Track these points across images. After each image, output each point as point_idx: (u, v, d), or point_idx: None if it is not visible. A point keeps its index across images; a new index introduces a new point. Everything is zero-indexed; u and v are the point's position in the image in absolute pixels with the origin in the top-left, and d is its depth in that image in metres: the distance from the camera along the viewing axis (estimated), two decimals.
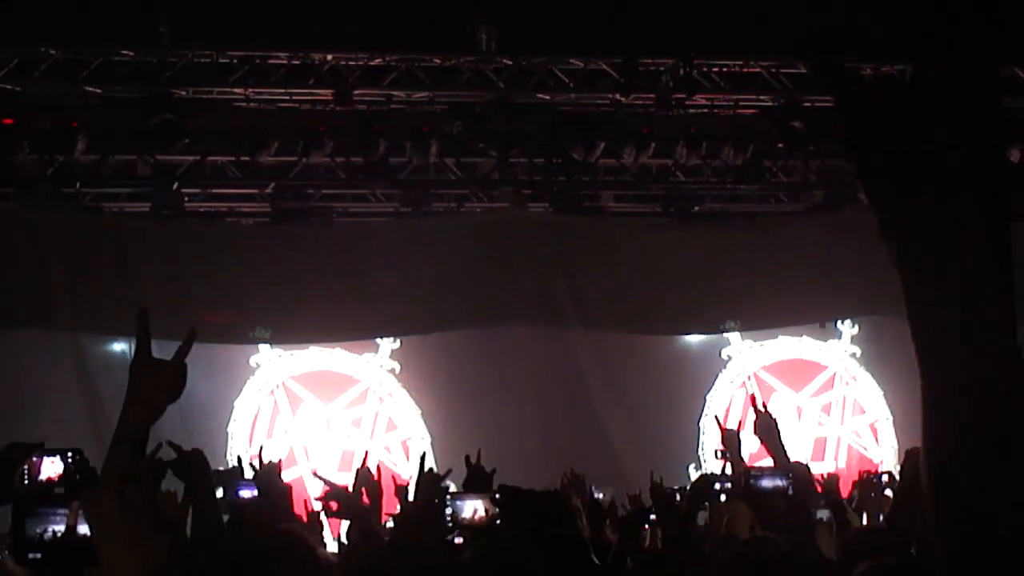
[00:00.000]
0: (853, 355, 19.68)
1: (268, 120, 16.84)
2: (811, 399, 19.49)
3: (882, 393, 19.43)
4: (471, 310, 17.82)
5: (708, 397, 19.12)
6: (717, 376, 19.35)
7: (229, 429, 17.54)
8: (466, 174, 18.26)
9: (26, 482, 4.87)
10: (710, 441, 18.00)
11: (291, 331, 17.44)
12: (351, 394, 18.20)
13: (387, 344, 18.30)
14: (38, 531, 3.63)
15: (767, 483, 7.58)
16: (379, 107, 17.06)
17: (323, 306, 17.21)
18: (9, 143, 16.07)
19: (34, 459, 4.94)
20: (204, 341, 16.84)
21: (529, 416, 18.07)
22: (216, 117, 16.83)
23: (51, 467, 4.93)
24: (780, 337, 19.58)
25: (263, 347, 17.88)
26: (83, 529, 3.09)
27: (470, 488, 8.26)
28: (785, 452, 8.05)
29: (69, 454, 5.05)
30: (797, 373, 19.63)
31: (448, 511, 7.46)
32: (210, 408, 17.05)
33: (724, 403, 19.15)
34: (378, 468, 8.83)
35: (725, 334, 19.31)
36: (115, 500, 2.66)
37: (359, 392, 18.26)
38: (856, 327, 19.49)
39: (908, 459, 7.70)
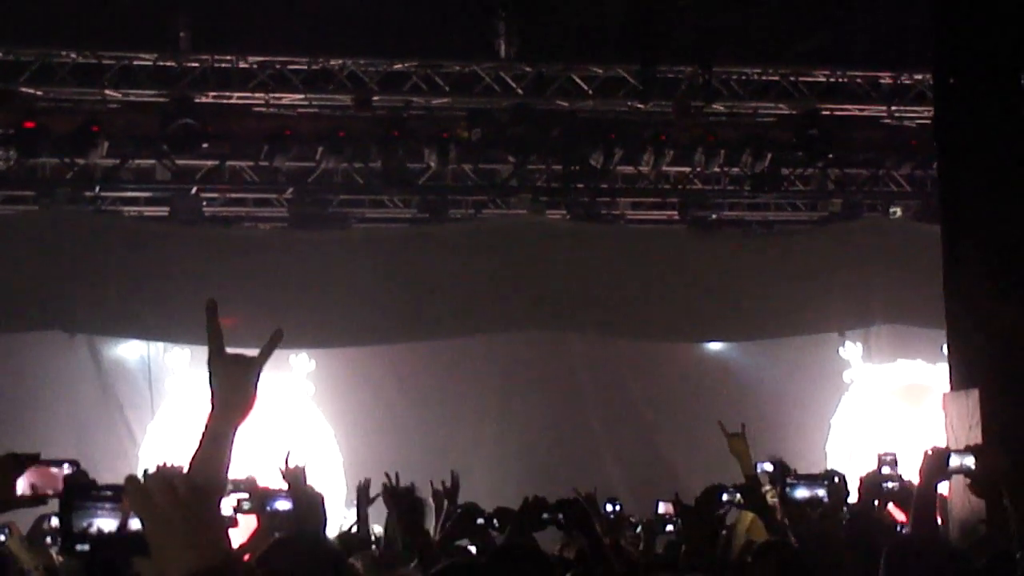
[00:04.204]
0: None
1: (287, 125, 16.87)
2: (929, 421, 19.22)
3: None
4: (485, 316, 17.77)
5: (832, 421, 19.04)
6: (840, 399, 19.23)
7: (140, 453, 16.85)
8: (484, 180, 18.27)
9: (21, 493, 4.88)
10: (836, 461, 17.89)
11: (308, 337, 17.30)
12: (263, 412, 17.60)
13: (302, 365, 17.94)
14: (85, 525, 3.68)
15: (803, 492, 7.62)
16: (398, 113, 17.10)
17: (339, 310, 17.17)
18: (30, 146, 16.12)
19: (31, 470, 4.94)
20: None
21: (477, 431, 17.87)
22: (235, 122, 16.88)
23: (49, 477, 4.94)
24: (898, 360, 19.37)
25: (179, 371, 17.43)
26: (135, 524, 3.14)
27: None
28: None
29: (66, 464, 5.06)
30: (915, 396, 19.30)
31: None
32: (92, 427, 16.67)
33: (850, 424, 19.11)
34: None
35: (843, 356, 19.11)
36: (166, 493, 2.68)
37: (272, 411, 17.85)
38: None
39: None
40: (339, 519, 12.94)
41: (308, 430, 17.47)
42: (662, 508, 10.40)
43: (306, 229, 17.78)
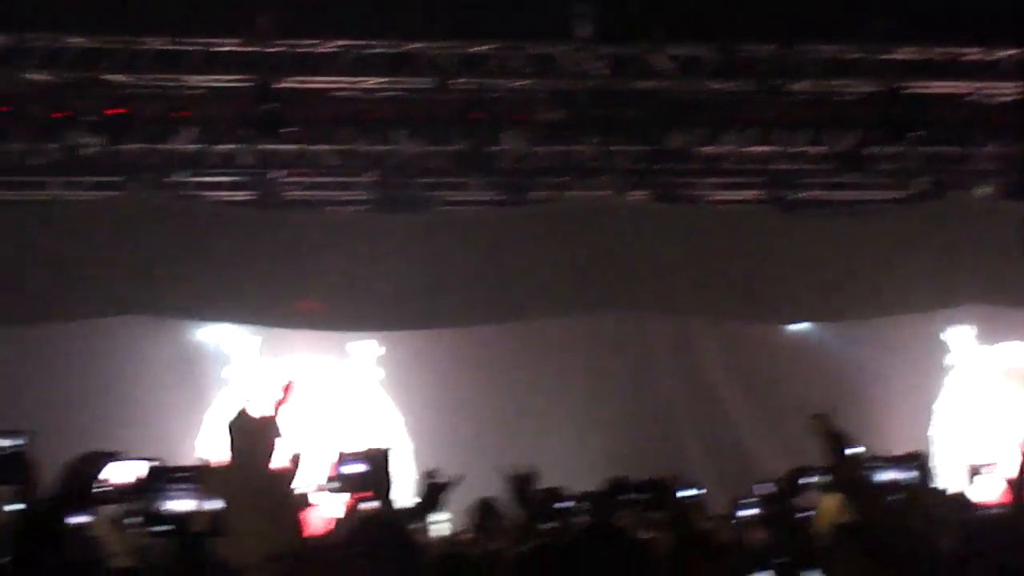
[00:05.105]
0: None
1: (368, 109, 16.91)
2: None
3: None
4: (565, 298, 17.66)
5: (935, 407, 18.71)
6: (943, 383, 18.87)
7: (196, 442, 16.77)
8: (565, 162, 18.23)
9: (103, 489, 4.94)
10: (943, 448, 17.78)
11: (388, 320, 17.32)
12: (333, 400, 17.77)
13: (372, 350, 17.92)
14: (164, 506, 3.75)
15: (886, 475, 7.55)
16: (478, 95, 17.08)
17: (421, 294, 17.17)
18: (116, 132, 16.28)
19: (112, 465, 4.99)
20: (299, 328, 16.69)
21: (554, 416, 17.75)
22: (317, 106, 16.94)
23: (129, 474, 4.97)
24: (1000, 343, 18.95)
25: (239, 358, 17.54)
26: (211, 505, 3.20)
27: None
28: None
29: (149, 461, 5.10)
30: (1019, 379, 18.94)
31: None
32: (176, 411, 16.84)
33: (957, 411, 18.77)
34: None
35: (945, 339, 18.90)
36: (242, 476, 2.71)
37: (341, 399, 17.82)
38: None
39: None
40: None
41: (377, 417, 17.47)
42: (759, 490, 10.34)
43: (388, 212, 17.81)
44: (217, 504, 3.04)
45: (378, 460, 7.18)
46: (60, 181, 17.49)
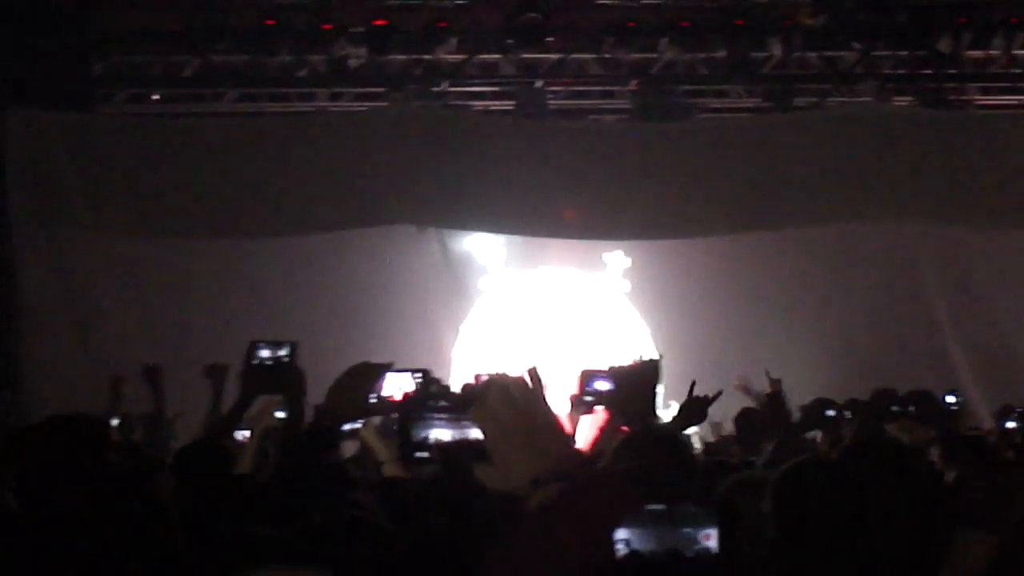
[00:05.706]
0: None
1: (630, 16, 16.88)
2: None
3: None
4: (825, 205, 17.37)
5: None
6: None
7: (453, 353, 17.35)
8: (829, 68, 17.96)
9: (374, 400, 5.04)
10: None
11: (642, 230, 17.28)
12: (578, 314, 17.93)
13: (618, 263, 17.87)
14: (423, 435, 3.85)
15: None
16: (742, 1, 16.90)
17: (677, 203, 17.07)
18: (380, 43, 16.55)
19: (382, 377, 5.07)
20: (559, 237, 16.80)
21: (812, 325, 17.52)
22: (579, 15, 16.96)
23: (398, 385, 5.06)
24: None
25: (493, 269, 17.77)
26: (474, 434, 3.29)
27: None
28: None
29: (417, 374, 5.18)
30: None
31: None
32: (436, 321, 17.29)
33: None
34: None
35: None
36: (506, 403, 2.77)
37: (586, 312, 17.90)
38: None
39: None
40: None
41: (623, 329, 17.51)
42: None
43: (649, 121, 17.78)
44: (478, 432, 3.11)
45: (638, 374, 7.22)
46: (325, 92, 17.87)
